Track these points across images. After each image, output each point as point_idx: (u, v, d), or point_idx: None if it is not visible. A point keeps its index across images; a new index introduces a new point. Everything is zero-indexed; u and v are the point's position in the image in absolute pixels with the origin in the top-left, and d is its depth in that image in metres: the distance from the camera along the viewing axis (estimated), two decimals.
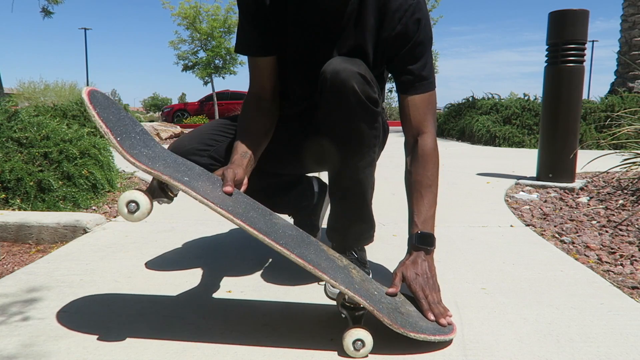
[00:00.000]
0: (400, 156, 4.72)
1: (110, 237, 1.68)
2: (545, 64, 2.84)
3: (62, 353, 0.88)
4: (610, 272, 1.39)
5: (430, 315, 0.96)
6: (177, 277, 1.29)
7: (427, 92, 1.10)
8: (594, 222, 1.97)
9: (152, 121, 10.47)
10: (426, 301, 0.98)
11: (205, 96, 18.81)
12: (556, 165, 2.81)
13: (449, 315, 0.98)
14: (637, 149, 3.12)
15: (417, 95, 1.09)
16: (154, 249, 1.55)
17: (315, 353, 0.89)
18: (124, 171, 3.03)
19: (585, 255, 1.56)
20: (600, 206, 2.23)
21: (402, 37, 1.06)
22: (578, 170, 3.16)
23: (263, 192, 1.38)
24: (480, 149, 5.90)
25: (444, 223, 1.92)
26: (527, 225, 1.92)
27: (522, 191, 2.72)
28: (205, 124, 1.27)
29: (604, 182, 2.89)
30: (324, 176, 1.52)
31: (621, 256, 1.53)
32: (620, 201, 2.29)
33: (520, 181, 2.96)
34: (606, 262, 1.48)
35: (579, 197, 2.47)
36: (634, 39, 7.99)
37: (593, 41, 35.88)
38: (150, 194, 0.87)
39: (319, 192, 1.54)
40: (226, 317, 1.04)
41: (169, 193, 0.91)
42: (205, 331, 0.98)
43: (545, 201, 2.43)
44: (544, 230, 1.86)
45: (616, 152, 3.20)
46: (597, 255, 1.55)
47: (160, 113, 26.24)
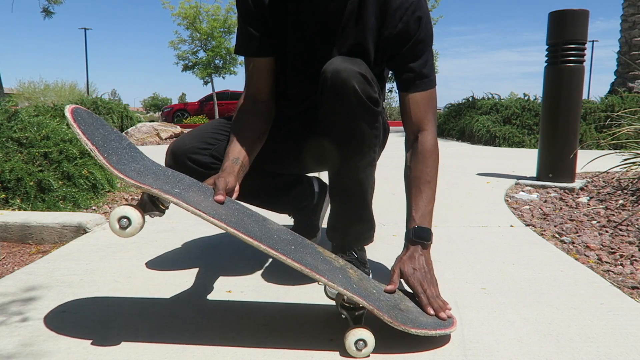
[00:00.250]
0: (400, 156, 4.72)
1: (110, 237, 1.68)
2: (545, 64, 2.84)
3: (62, 353, 0.88)
4: (610, 272, 1.39)
5: (430, 309, 0.96)
6: (177, 277, 1.29)
7: (428, 90, 1.10)
8: (594, 222, 1.97)
9: (152, 121, 10.47)
10: (425, 295, 0.98)
11: (205, 96, 18.83)
12: (556, 165, 2.81)
13: (449, 308, 0.98)
14: (637, 149, 3.12)
15: (418, 92, 1.10)
16: (154, 249, 1.55)
17: (315, 353, 0.89)
18: None
19: (585, 255, 1.56)
20: (600, 206, 2.23)
21: (403, 36, 1.06)
22: (578, 170, 3.16)
23: (263, 192, 1.38)
24: (480, 149, 5.90)
25: (444, 223, 1.92)
26: (527, 225, 1.92)
27: (522, 191, 2.72)
28: (205, 124, 1.27)
29: (604, 182, 2.89)
30: (324, 176, 1.52)
31: (621, 256, 1.53)
32: (620, 201, 2.29)
33: (520, 181, 2.96)
34: (606, 262, 1.48)
35: (579, 197, 2.47)
36: (634, 39, 7.99)
37: (593, 41, 35.88)
38: (142, 209, 0.87)
39: (319, 192, 1.54)
40: (226, 317, 1.04)
41: (161, 206, 0.91)
42: (205, 331, 0.98)
43: (545, 201, 2.43)
44: (544, 230, 1.86)
45: (616, 152, 3.20)
46: (597, 255, 1.55)
47: (160, 113, 26.24)
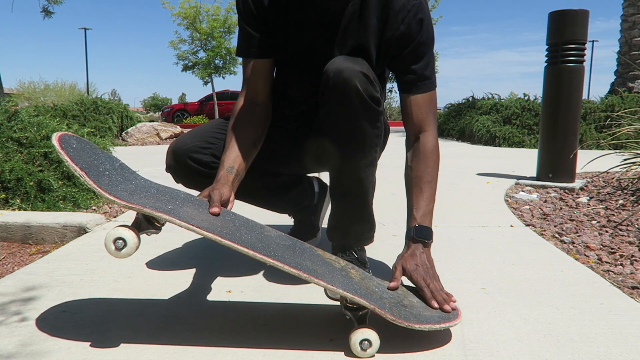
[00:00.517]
0: (399, 157, 4.73)
1: None
2: (545, 64, 2.84)
3: (62, 353, 0.88)
4: (610, 272, 1.39)
5: (434, 302, 0.96)
6: (177, 277, 1.29)
7: (429, 92, 1.11)
8: (594, 222, 1.97)
9: (152, 121, 10.47)
10: (428, 289, 0.98)
11: (205, 96, 18.84)
12: (556, 165, 2.81)
13: (453, 300, 0.98)
14: (637, 149, 3.12)
15: (420, 94, 1.10)
16: (154, 249, 1.55)
17: (315, 353, 0.89)
18: None
19: (585, 255, 1.56)
20: (600, 206, 2.23)
21: (405, 38, 1.07)
22: (578, 170, 3.16)
23: (263, 192, 1.38)
24: (480, 149, 5.90)
25: (444, 223, 1.92)
26: (527, 225, 1.92)
27: (522, 191, 2.72)
28: (205, 123, 1.27)
29: (604, 182, 2.89)
30: (324, 176, 1.52)
31: (621, 256, 1.53)
32: (620, 201, 2.29)
33: (520, 181, 2.96)
34: (606, 262, 1.48)
35: (579, 197, 2.47)
36: (634, 39, 7.99)
37: (593, 41, 35.88)
38: (137, 228, 0.87)
39: (319, 192, 1.54)
40: (226, 317, 1.04)
41: (156, 223, 0.90)
42: (205, 331, 0.98)
43: (545, 201, 2.43)
44: (544, 230, 1.86)
45: (616, 152, 3.20)
46: (597, 255, 1.55)
47: (160, 113, 26.26)
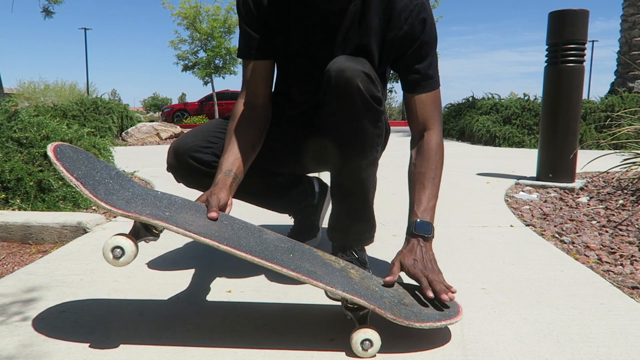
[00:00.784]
0: (400, 157, 4.73)
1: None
2: (545, 64, 2.84)
3: (62, 353, 0.88)
4: (610, 272, 1.39)
5: (429, 292, 0.92)
6: (177, 277, 1.29)
7: (433, 91, 1.11)
8: (594, 222, 1.97)
9: (152, 121, 10.48)
10: (425, 279, 0.95)
11: (205, 96, 18.85)
12: (556, 165, 2.81)
13: (453, 291, 0.94)
14: (637, 149, 3.12)
15: (424, 93, 1.10)
16: (154, 249, 1.55)
17: (315, 353, 0.89)
18: (124, 171, 3.02)
19: (585, 255, 1.56)
20: (600, 206, 2.23)
21: (408, 38, 1.07)
22: (578, 170, 3.16)
23: (263, 191, 1.38)
24: (480, 149, 5.90)
25: (444, 223, 1.92)
26: (527, 225, 1.92)
27: (522, 191, 2.72)
28: (206, 123, 1.27)
29: (604, 182, 2.89)
30: (324, 176, 1.52)
31: (621, 256, 1.53)
32: (620, 201, 2.29)
33: (520, 181, 2.96)
34: (606, 262, 1.48)
35: (579, 197, 2.47)
36: (634, 39, 7.99)
37: (593, 41, 35.87)
38: (135, 236, 0.86)
39: (320, 192, 1.54)
40: (226, 317, 1.04)
41: (154, 230, 0.90)
42: (205, 331, 0.98)
43: (545, 201, 2.43)
44: (544, 230, 1.86)
45: (616, 152, 3.20)
46: (597, 255, 1.55)
47: (160, 113, 26.27)
